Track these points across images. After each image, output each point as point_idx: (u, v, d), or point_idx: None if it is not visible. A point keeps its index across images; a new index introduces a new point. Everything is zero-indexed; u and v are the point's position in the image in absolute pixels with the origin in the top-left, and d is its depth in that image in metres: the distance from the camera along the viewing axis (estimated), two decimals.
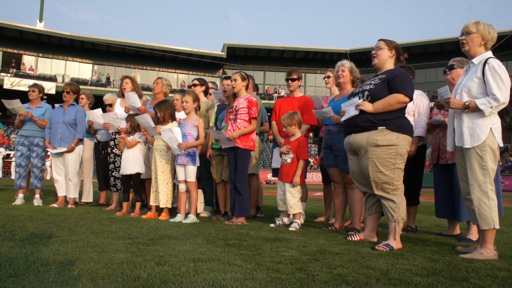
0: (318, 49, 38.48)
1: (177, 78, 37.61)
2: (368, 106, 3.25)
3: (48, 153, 6.18)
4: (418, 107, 4.25)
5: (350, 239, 3.49)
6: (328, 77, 5.02)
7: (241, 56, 37.64)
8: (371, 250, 3.03)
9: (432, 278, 2.20)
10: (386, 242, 3.14)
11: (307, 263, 2.49)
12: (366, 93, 3.33)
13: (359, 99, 3.34)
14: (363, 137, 3.28)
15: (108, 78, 35.06)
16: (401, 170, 3.28)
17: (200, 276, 2.09)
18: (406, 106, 3.39)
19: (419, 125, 4.21)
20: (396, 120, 3.25)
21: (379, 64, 3.45)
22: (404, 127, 3.28)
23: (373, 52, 3.48)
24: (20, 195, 6.05)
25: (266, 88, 37.69)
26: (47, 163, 11.38)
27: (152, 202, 4.87)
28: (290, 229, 4.06)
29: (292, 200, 4.24)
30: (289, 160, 4.32)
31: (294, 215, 4.26)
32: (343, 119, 3.49)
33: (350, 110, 3.37)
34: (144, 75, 36.60)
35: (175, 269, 2.21)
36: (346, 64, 4.36)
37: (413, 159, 4.04)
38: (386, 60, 3.43)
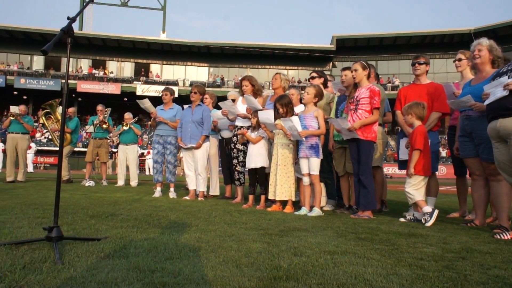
0: (435, 32, 35.38)
1: (287, 74, 38.06)
2: None
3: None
4: None
5: (498, 237, 3.11)
6: (460, 59, 4.56)
7: (350, 47, 36.56)
8: None
9: None
10: None
11: (454, 261, 2.28)
12: None
13: (509, 78, 2.94)
14: None
15: (222, 79, 37.21)
16: None
17: (340, 269, 2.05)
18: None
19: None
20: None
21: None
22: None
23: None
24: (158, 188, 6.72)
25: (379, 78, 36.03)
26: None
27: (271, 196, 4.95)
28: (427, 224, 3.78)
29: (407, 188, 4.08)
30: None
31: (416, 205, 4.04)
32: (487, 102, 3.11)
33: (496, 91, 2.98)
34: (256, 74, 37.88)
35: (313, 261, 2.21)
36: (483, 42, 3.89)
37: None
38: None
